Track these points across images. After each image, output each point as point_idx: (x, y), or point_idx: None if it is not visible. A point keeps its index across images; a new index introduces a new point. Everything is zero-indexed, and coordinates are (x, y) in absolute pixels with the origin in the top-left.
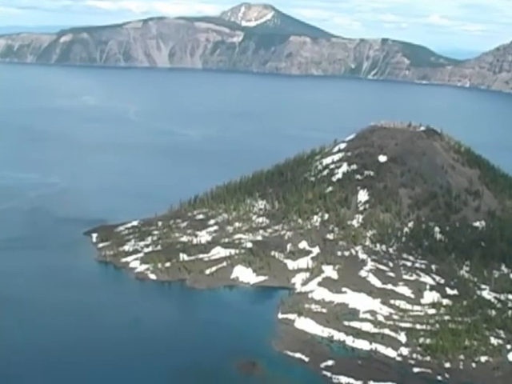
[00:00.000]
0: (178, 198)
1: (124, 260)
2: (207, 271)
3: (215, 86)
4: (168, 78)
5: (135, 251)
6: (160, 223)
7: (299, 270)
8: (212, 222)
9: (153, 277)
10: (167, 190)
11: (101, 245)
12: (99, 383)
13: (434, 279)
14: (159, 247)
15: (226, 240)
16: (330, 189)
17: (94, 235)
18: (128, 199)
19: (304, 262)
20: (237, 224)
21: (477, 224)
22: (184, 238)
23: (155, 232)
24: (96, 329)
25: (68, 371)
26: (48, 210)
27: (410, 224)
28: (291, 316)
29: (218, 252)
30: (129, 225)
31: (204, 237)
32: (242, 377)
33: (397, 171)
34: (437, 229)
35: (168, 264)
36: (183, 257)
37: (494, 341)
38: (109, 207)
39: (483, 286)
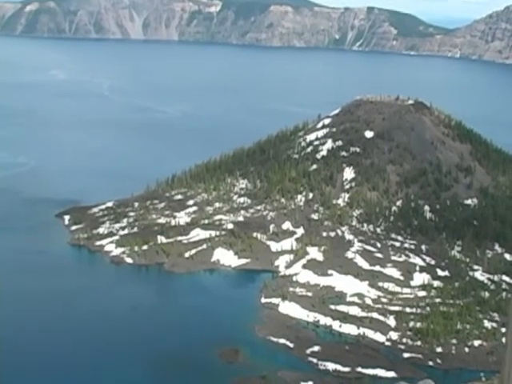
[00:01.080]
0: (155, 177)
1: (98, 243)
2: (186, 254)
3: (192, 59)
4: (142, 51)
5: (110, 234)
6: (136, 204)
7: (283, 252)
8: (191, 202)
9: (129, 260)
10: (143, 169)
11: (73, 227)
12: (75, 373)
13: (423, 260)
14: (135, 229)
15: (206, 221)
16: (315, 166)
17: (67, 217)
18: (102, 179)
19: (288, 243)
20: (217, 204)
21: (468, 202)
22: (161, 220)
23: (131, 213)
24: (71, 316)
25: (42, 361)
26: (16, 191)
27: (399, 202)
28: (275, 300)
29: (198, 234)
30: (103, 206)
31: (183, 218)
32: (224, 365)
33: (384, 147)
34: (426, 207)
35: (145, 247)
36: (161, 239)
37: (487, 324)
38: (81, 188)
39: (476, 267)
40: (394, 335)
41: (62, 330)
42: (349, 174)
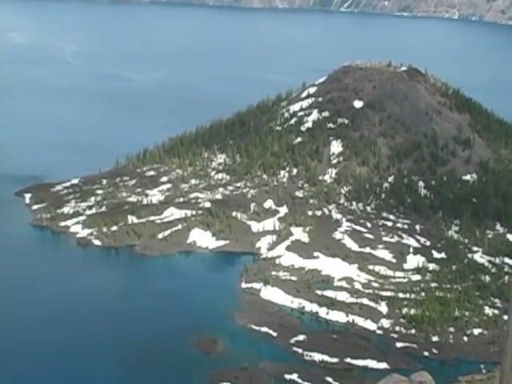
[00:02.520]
0: (125, 151)
1: (63, 224)
2: (160, 235)
3: (165, 22)
4: (110, 12)
5: (76, 214)
6: (104, 181)
7: (265, 233)
8: (164, 179)
9: (97, 243)
10: (112, 142)
11: (35, 207)
12: (40, 365)
13: (418, 241)
14: (104, 209)
15: (181, 199)
16: (299, 140)
17: (27, 196)
18: (66, 154)
19: (270, 223)
20: (193, 181)
21: (467, 177)
22: (132, 198)
23: (99, 191)
24: (35, 304)
25: (5, 353)
26: None
27: (391, 178)
28: (256, 285)
29: (172, 213)
30: (68, 183)
31: (155, 196)
32: (201, 355)
33: (375, 118)
34: (421, 183)
35: (114, 228)
36: (132, 219)
37: (488, 311)
38: (44, 163)
39: (475, 248)
40: (385, 323)
41: (25, 318)
42: (336, 147)
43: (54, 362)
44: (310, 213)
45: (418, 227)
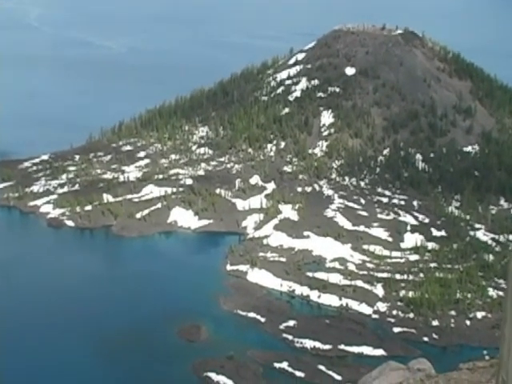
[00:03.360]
0: (99, 125)
1: (32, 204)
2: (138, 215)
3: None
4: None
5: (46, 192)
6: (77, 157)
7: (251, 211)
8: (142, 154)
9: (70, 223)
10: (84, 115)
11: (1, 185)
12: (15, 354)
13: (416, 218)
14: (77, 187)
15: (161, 176)
16: (287, 110)
17: None
18: (35, 128)
19: (257, 200)
20: (173, 156)
21: (468, 149)
22: (108, 175)
23: (71, 168)
24: (5, 290)
25: None
26: None
27: (386, 151)
28: (242, 267)
29: (151, 191)
30: (37, 159)
31: (133, 173)
32: (183, 343)
33: (368, 86)
34: (419, 156)
35: (89, 207)
36: (107, 198)
37: (492, 292)
38: (10, 138)
39: (477, 226)
40: (382, 306)
41: None
42: (327, 118)
43: (29, 349)
44: (299, 189)
45: (415, 203)
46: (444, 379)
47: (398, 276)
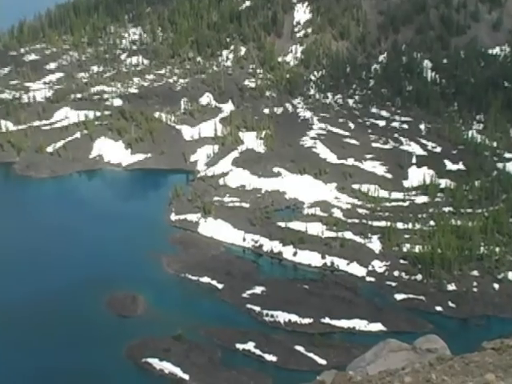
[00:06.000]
0: None
1: None
2: (49, 148)
3: None
4: None
5: None
6: None
7: (202, 142)
8: (53, 65)
9: None
10: None
11: None
12: None
13: (423, 147)
14: None
15: (79, 95)
16: (248, 4)
17: None
18: None
19: (209, 127)
20: (95, 68)
21: (495, 51)
22: (6, 95)
23: None
24: None
25: None
26: None
27: (382, 57)
28: (192, 216)
29: (67, 116)
30: None
31: (40, 91)
32: (115, 320)
33: None
34: (427, 63)
35: None
36: (6, 126)
37: None
38: None
39: (508, 155)
40: (379, 266)
41: None
42: (302, 13)
43: None
44: (266, 111)
45: (422, 127)
46: (461, 363)
47: (400, 225)
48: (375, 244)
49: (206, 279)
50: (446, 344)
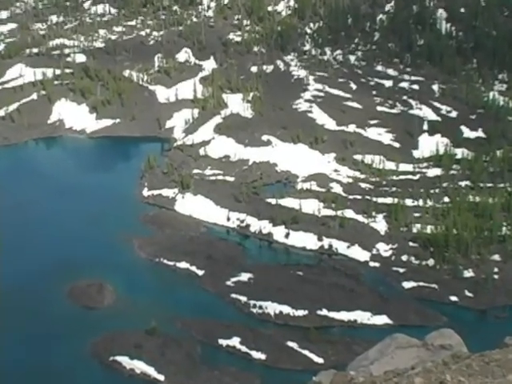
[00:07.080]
0: None
1: None
2: (1, 112)
3: None
4: None
5: None
6: None
7: (180, 105)
8: (4, 14)
9: None
10: None
11: None
12: None
13: (437, 111)
14: None
15: (35, 50)
16: None
17: None
18: None
19: (188, 87)
20: (54, 18)
21: None
22: None
23: None
24: None
25: None
26: None
27: (389, 6)
28: (168, 192)
29: (21, 74)
30: None
31: None
32: (78, 312)
33: None
34: (441, 13)
35: None
36: None
37: None
38: None
39: None
40: (385, 249)
41: None
42: None
43: None
44: (253, 69)
45: (436, 88)
46: (480, 361)
47: (409, 202)
48: (380, 224)
49: (183, 264)
50: (462, 339)
